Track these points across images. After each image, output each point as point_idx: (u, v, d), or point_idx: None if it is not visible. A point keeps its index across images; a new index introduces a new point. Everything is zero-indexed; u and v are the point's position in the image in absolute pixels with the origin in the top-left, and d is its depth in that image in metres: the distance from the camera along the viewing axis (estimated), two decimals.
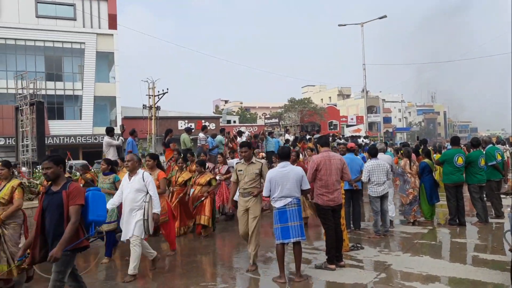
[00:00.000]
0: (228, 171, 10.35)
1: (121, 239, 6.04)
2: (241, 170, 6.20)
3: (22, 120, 12.26)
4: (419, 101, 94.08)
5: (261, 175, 6.15)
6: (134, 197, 5.80)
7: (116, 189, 6.54)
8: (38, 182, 9.17)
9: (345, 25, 33.93)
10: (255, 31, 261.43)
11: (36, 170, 11.35)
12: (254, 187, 6.09)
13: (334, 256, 5.91)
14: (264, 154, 12.28)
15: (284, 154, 5.72)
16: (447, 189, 8.80)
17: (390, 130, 68.11)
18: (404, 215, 9.07)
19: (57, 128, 32.62)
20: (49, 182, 4.24)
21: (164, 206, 6.82)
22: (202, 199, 8.35)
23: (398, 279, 5.46)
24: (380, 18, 31.74)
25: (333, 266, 5.84)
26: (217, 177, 10.44)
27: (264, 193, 5.66)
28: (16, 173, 7.60)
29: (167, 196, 8.65)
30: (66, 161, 7.25)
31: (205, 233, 8.38)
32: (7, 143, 29.15)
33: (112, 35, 35.35)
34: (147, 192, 5.84)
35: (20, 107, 12.30)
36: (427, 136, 77.29)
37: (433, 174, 9.34)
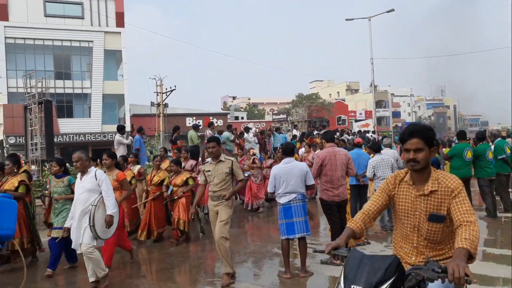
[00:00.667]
0: (254, 162, 10.97)
1: (72, 247, 5.34)
2: (209, 171, 5.46)
3: (31, 119, 12.40)
4: (428, 95, 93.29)
5: (232, 174, 5.43)
6: (86, 198, 5.21)
7: (73, 192, 5.85)
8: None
9: (352, 19, 33.67)
10: (263, 27, 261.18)
11: (45, 168, 11.48)
12: (224, 189, 5.35)
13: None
14: (255, 151, 12.08)
15: (288, 150, 5.72)
16: None
17: (399, 124, 67.63)
18: None
19: (66, 126, 32.90)
20: None
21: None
22: (175, 197, 7.83)
23: None
24: (387, 11, 31.46)
25: (338, 262, 5.82)
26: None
27: (269, 189, 5.67)
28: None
29: (140, 196, 8.47)
30: None
31: (177, 242, 7.68)
32: (18, 142, 29.45)
33: (119, 33, 35.51)
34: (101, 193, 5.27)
35: (29, 106, 12.43)
36: (437, 130, 76.65)
37: (441, 168, 9.30)
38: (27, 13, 32.58)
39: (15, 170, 6.63)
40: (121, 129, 11.65)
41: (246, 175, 10.84)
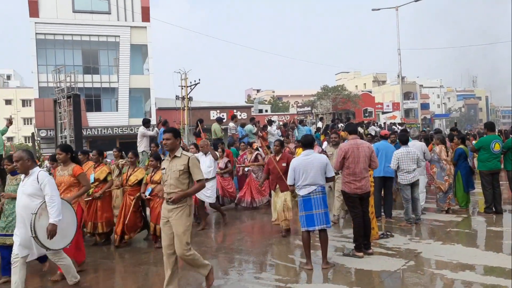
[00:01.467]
0: (256, 159, 10.34)
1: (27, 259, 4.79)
2: (164, 168, 4.73)
3: (60, 113, 12.75)
4: (459, 86, 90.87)
5: (190, 173, 4.59)
6: (26, 204, 4.62)
7: None
8: None
9: (379, 9, 33.12)
10: (288, 18, 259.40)
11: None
12: (180, 191, 4.55)
13: (362, 244, 5.87)
14: (258, 145, 11.29)
15: (307, 142, 5.71)
16: (482, 176, 8.52)
17: (428, 116, 66.18)
18: (437, 203, 8.86)
19: (95, 120, 33.67)
20: None
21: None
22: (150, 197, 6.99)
23: (427, 267, 5.37)
24: (416, 0, 30.74)
25: (360, 254, 5.80)
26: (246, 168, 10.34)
27: (288, 181, 5.67)
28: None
29: (115, 196, 7.59)
30: None
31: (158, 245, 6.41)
32: (49, 135, 30.35)
33: (145, 27, 35.99)
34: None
35: (58, 100, 12.79)
36: (468, 122, 74.78)
37: (470, 161, 9.07)
38: (56, 9, 33.39)
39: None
40: (146, 123, 11.83)
41: (246, 170, 10.43)
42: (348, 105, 43.43)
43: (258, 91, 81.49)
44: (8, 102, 56.12)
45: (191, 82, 31.26)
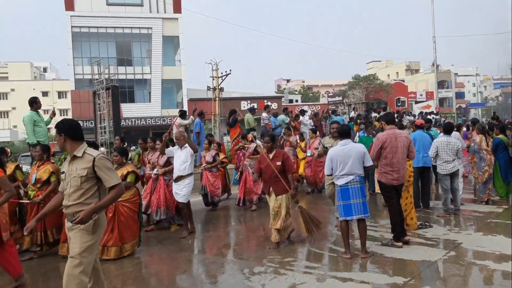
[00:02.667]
0: (256, 151, 8.95)
1: None
2: (64, 172, 3.76)
3: (99, 104, 13.15)
4: (496, 74, 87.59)
5: (98, 178, 3.57)
6: None
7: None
8: None
9: None
10: (318, 7, 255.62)
11: (113, 150, 12.17)
12: (80, 203, 3.53)
13: (400, 233, 5.86)
14: (255, 135, 10.47)
15: (343, 132, 5.72)
16: None
17: (463, 106, 64.25)
18: (476, 194, 8.69)
19: (128, 111, 34.40)
20: None
21: None
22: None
23: (468, 257, 5.33)
24: None
25: (399, 244, 5.79)
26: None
27: (326, 171, 5.72)
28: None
29: None
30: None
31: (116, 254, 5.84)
32: (85, 126, 31.25)
33: (177, 19, 36.35)
34: None
35: (97, 91, 13.18)
36: (505, 111, 72.05)
37: (510, 151, 8.83)
38: (91, 2, 34.17)
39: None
40: (182, 114, 12.14)
41: (246, 163, 9.34)
42: (380, 95, 42.69)
43: (288, 81, 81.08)
44: (44, 94, 57.83)
45: (222, 73, 31.43)
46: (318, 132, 10.14)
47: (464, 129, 13.28)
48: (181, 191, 7.02)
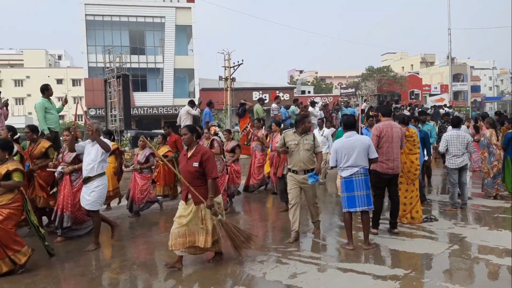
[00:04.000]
0: (212, 146, 7.87)
1: None
2: None
3: (110, 92, 13.28)
4: None
5: None
6: None
7: None
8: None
9: None
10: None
11: (124, 138, 12.31)
12: None
13: (378, 222, 6.16)
14: (217, 130, 9.54)
15: (348, 123, 5.73)
16: None
17: (479, 99, 63.29)
18: (484, 189, 8.61)
19: (141, 99, 34.65)
20: None
21: None
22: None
23: (471, 251, 5.32)
24: None
25: (375, 231, 6.06)
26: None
27: (331, 163, 5.76)
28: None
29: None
30: None
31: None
32: (98, 113, 31.59)
33: (190, 8, 36.35)
34: None
35: (108, 80, 13.30)
36: None
37: None
38: None
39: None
40: (192, 103, 12.26)
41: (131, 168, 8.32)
42: (393, 87, 42.31)
43: (301, 72, 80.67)
44: (59, 81, 58.47)
45: (234, 63, 31.41)
46: (282, 125, 9.33)
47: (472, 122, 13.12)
48: (89, 196, 5.79)
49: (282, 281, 4.53)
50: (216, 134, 8.33)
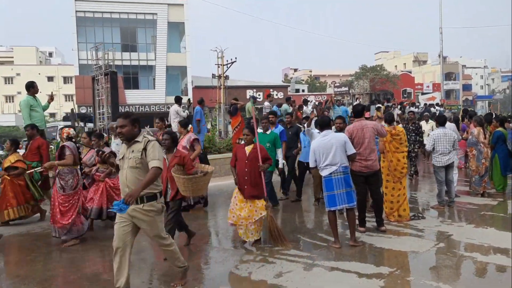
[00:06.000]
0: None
1: None
2: None
3: (98, 90, 13.14)
4: (504, 67, 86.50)
5: None
6: None
7: None
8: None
9: None
10: None
11: (112, 137, 12.18)
12: None
13: (364, 220, 6.17)
14: (71, 132, 8.81)
15: (324, 123, 5.78)
16: None
17: (470, 98, 63.67)
18: (471, 187, 8.64)
19: (132, 97, 34.45)
20: None
21: None
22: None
23: (456, 249, 5.33)
24: None
25: (362, 229, 6.07)
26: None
27: (311, 164, 5.76)
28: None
29: None
30: None
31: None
32: (89, 112, 31.32)
33: (182, 5, 36.16)
34: None
35: (96, 77, 13.16)
36: None
37: (510, 144, 8.77)
38: None
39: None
40: (178, 100, 12.18)
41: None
42: (386, 86, 42.44)
43: (295, 70, 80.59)
44: (50, 79, 57.96)
45: (227, 61, 31.31)
46: (190, 126, 8.18)
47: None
48: None
49: (268, 280, 4.50)
50: (70, 138, 6.40)
